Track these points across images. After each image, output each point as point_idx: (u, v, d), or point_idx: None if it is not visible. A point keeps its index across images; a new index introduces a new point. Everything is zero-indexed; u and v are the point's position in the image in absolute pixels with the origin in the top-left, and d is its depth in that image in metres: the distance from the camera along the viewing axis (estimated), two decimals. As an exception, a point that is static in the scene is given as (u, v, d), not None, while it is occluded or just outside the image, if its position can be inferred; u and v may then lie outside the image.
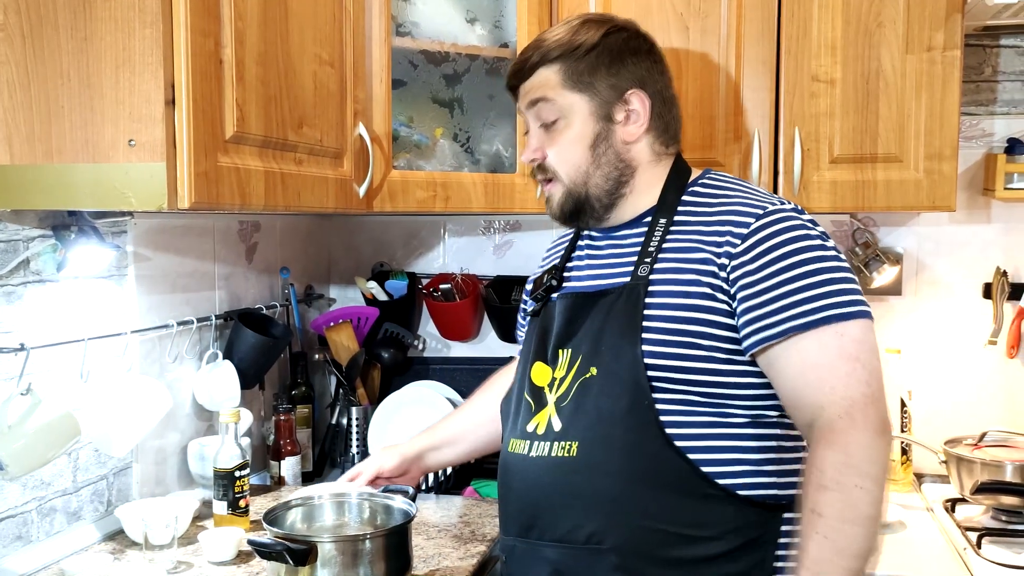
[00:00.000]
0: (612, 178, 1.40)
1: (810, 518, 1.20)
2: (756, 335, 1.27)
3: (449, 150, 2.09)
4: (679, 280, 1.32)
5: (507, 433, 1.44)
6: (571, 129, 1.40)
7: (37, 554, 1.56)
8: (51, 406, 1.44)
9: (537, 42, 1.44)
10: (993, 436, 2.07)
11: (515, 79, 1.45)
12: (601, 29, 1.41)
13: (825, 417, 1.22)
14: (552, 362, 1.39)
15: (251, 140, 1.47)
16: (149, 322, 1.82)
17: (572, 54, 1.39)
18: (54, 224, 1.58)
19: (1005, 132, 2.19)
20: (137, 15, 1.29)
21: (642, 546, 1.28)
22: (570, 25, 1.43)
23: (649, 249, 1.37)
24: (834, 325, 1.23)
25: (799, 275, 1.26)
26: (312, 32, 1.65)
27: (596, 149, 1.40)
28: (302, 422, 2.25)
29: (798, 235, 1.29)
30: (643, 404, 1.28)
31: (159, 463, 1.88)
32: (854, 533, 1.18)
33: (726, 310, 1.29)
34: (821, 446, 1.22)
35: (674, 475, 1.27)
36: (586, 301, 1.39)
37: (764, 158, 1.95)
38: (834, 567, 1.17)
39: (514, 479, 1.39)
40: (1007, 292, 2.20)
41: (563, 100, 1.40)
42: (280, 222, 2.34)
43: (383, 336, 2.41)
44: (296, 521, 1.53)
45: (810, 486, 1.22)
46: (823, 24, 1.91)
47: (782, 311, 1.25)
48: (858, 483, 1.18)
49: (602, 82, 1.39)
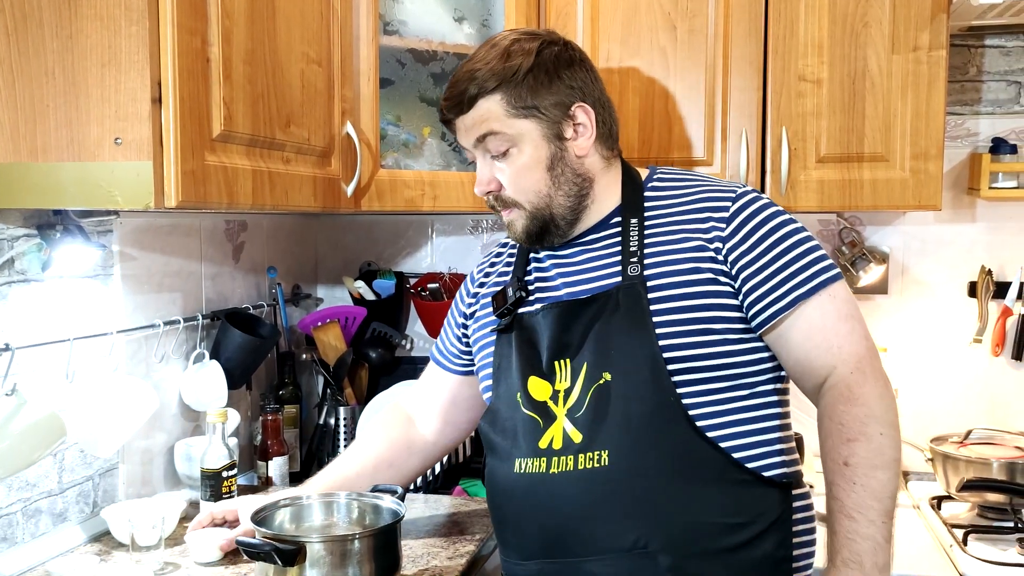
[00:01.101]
0: (573, 194, 1.39)
1: (840, 470, 1.26)
2: (767, 311, 1.31)
3: (437, 149, 2.09)
4: (678, 271, 1.33)
5: (504, 454, 1.39)
6: (524, 156, 1.37)
7: (22, 556, 1.55)
8: (36, 407, 1.43)
9: (469, 73, 1.37)
10: (978, 434, 2.09)
11: (452, 113, 1.40)
12: (532, 47, 1.37)
13: (837, 375, 1.29)
14: (549, 375, 1.37)
15: (238, 139, 1.46)
16: (135, 322, 1.81)
17: (511, 80, 1.35)
18: (39, 223, 1.57)
19: (990, 132, 2.21)
20: (123, 12, 1.28)
21: (689, 543, 1.28)
22: (499, 48, 1.38)
23: (631, 248, 1.37)
24: (826, 289, 1.31)
25: (787, 248, 1.32)
26: (300, 30, 1.64)
27: (554, 171, 1.38)
28: (289, 422, 2.24)
29: (772, 212, 1.36)
30: (669, 400, 1.29)
31: (145, 464, 1.87)
32: (885, 477, 1.25)
33: (730, 291, 1.32)
34: (840, 402, 1.28)
35: (709, 466, 1.29)
36: (575, 309, 1.37)
37: (751, 157, 1.95)
38: (872, 511, 1.23)
39: (532, 500, 1.34)
40: (992, 291, 2.21)
41: (511, 129, 1.36)
42: (267, 221, 2.33)
43: (371, 336, 2.40)
44: (284, 521, 1.52)
45: (834, 441, 1.28)
46: (810, 24, 1.92)
47: (784, 283, 1.31)
48: (881, 430, 1.26)
49: (546, 102, 1.36)
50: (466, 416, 1.66)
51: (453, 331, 1.62)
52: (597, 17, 2.01)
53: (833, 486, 1.27)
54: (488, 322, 1.49)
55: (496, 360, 1.45)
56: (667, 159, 1.99)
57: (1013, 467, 1.91)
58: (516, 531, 1.38)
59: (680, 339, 1.30)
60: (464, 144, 1.43)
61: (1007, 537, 1.83)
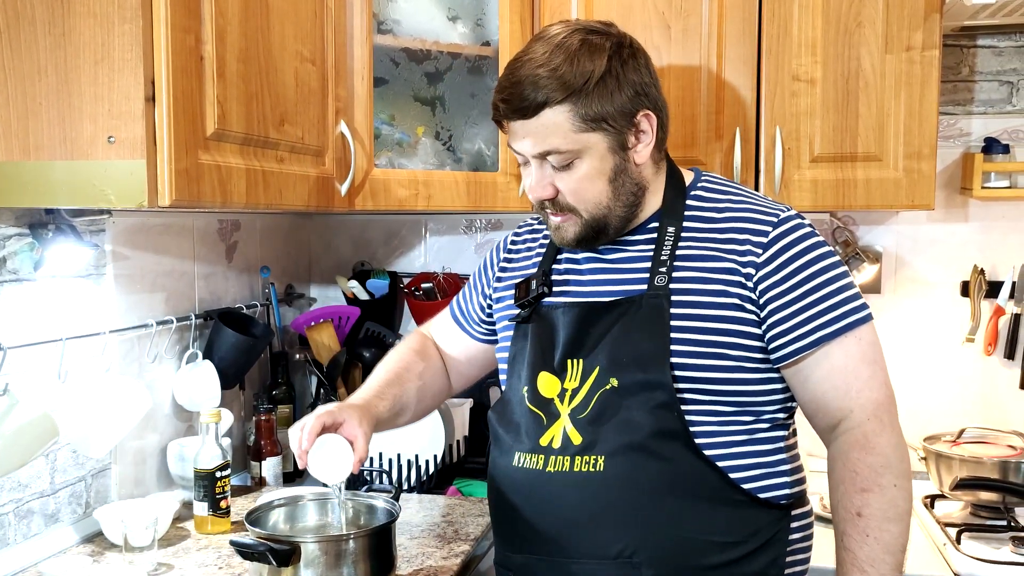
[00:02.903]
0: (629, 204, 1.34)
1: (853, 520, 1.25)
2: (789, 346, 1.29)
3: (431, 148, 2.08)
4: (704, 291, 1.30)
5: (506, 446, 1.39)
6: (587, 166, 1.30)
7: (14, 557, 1.54)
8: (28, 407, 1.42)
9: (532, 77, 1.27)
10: (971, 433, 2.10)
11: (513, 117, 1.30)
12: (603, 50, 1.28)
13: (854, 420, 1.27)
14: (560, 373, 1.35)
15: (232, 137, 1.46)
16: (128, 322, 1.80)
17: (581, 91, 1.26)
18: (31, 222, 1.56)
19: (982, 132, 2.22)
20: (116, 11, 1.28)
21: (675, 558, 1.27)
22: (565, 50, 1.27)
23: (662, 258, 1.33)
24: (854, 331, 1.28)
25: (821, 284, 1.29)
26: (293, 29, 1.64)
27: (615, 182, 1.32)
28: (283, 422, 2.23)
29: (812, 243, 1.31)
30: (671, 415, 1.27)
31: (138, 464, 1.86)
32: (898, 530, 1.25)
33: (754, 320, 1.29)
34: (855, 450, 1.26)
35: (704, 484, 1.28)
36: (598, 311, 1.34)
37: (746, 157, 1.95)
38: (885, 564, 1.24)
39: (526, 495, 1.34)
40: (984, 290, 2.22)
41: (576, 144, 1.28)
42: (260, 221, 2.32)
43: (364, 335, 2.39)
44: (279, 521, 1.52)
45: (847, 489, 1.27)
46: (803, 24, 1.92)
47: (810, 321, 1.28)
48: (895, 482, 1.25)
49: (613, 111, 1.28)
50: (478, 372, 1.66)
51: (477, 299, 1.58)
52: (591, 16, 2.01)
53: (845, 536, 1.26)
54: (509, 306, 1.47)
55: (512, 351, 1.43)
56: (661, 158, 1.99)
57: (1006, 466, 1.91)
58: (507, 523, 1.39)
59: (694, 359, 1.28)
60: (519, 150, 1.33)
61: (1000, 535, 1.83)
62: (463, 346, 1.63)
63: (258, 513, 1.48)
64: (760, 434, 1.32)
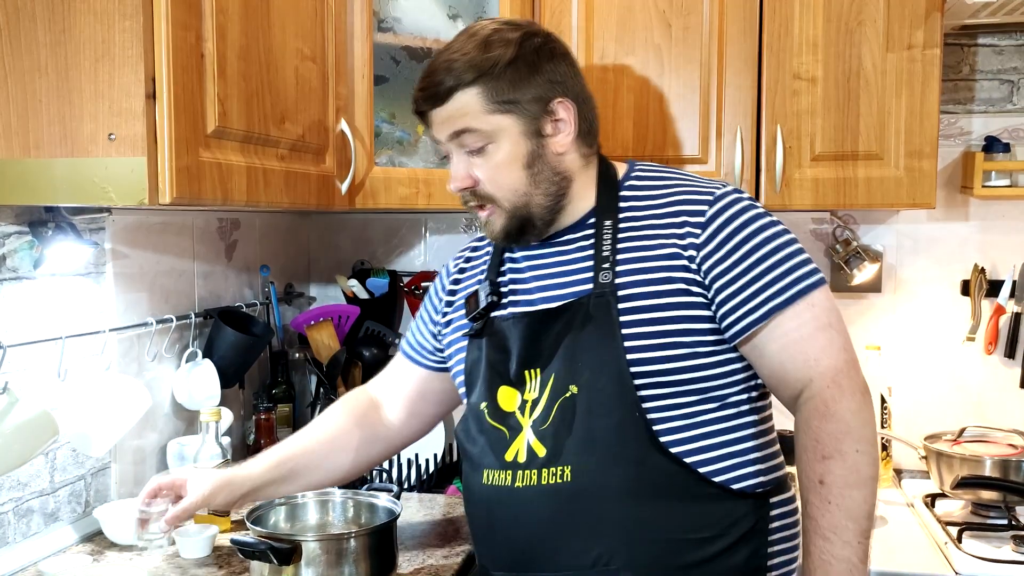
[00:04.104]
0: (551, 193, 1.33)
1: (815, 488, 1.23)
2: (740, 322, 1.27)
3: (431, 147, 2.08)
4: (649, 280, 1.28)
5: (475, 464, 1.37)
6: (501, 152, 1.31)
7: (14, 556, 1.54)
8: (28, 405, 1.42)
9: (447, 62, 1.30)
10: (972, 432, 2.10)
11: (427, 105, 1.33)
12: (513, 38, 1.30)
13: (814, 388, 1.25)
14: (518, 384, 1.33)
15: (233, 135, 1.45)
16: (127, 320, 1.80)
17: (490, 72, 1.28)
18: (31, 220, 1.55)
19: (982, 130, 2.22)
20: (116, 8, 1.27)
21: (653, 559, 1.25)
22: (478, 38, 1.31)
23: (604, 253, 1.32)
24: (805, 297, 1.26)
25: (765, 255, 1.27)
26: (294, 27, 1.63)
27: (532, 168, 1.32)
28: (283, 421, 2.23)
29: (752, 216, 1.29)
30: (633, 416, 1.26)
31: (138, 463, 1.85)
32: (861, 496, 1.21)
33: (703, 303, 1.28)
34: (815, 418, 1.24)
35: (674, 482, 1.26)
36: (547, 318, 1.32)
37: (746, 156, 1.95)
38: (848, 531, 1.21)
39: (498, 512, 1.32)
40: (985, 289, 2.22)
41: (488, 125, 1.30)
42: (259, 220, 2.32)
43: (364, 334, 2.39)
44: (279, 520, 1.52)
45: (809, 457, 1.24)
46: (804, 22, 1.92)
47: (759, 294, 1.26)
48: (856, 447, 1.22)
49: (525, 96, 1.30)
50: (434, 410, 1.62)
51: (427, 327, 1.56)
52: (592, 15, 2.01)
53: (808, 504, 1.24)
54: (461, 324, 1.45)
55: (467, 367, 1.41)
56: (662, 157, 1.98)
57: (1006, 464, 1.91)
58: (484, 541, 1.37)
59: (648, 352, 1.26)
60: (438, 138, 1.35)
61: (1001, 534, 1.83)
62: (415, 380, 1.59)
63: (259, 512, 1.48)
64: (726, 423, 1.29)
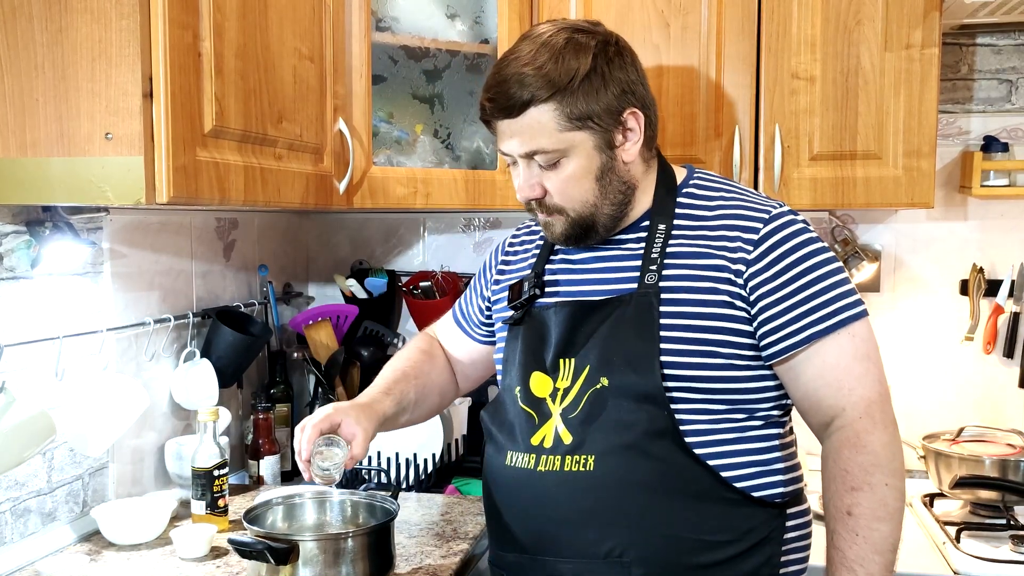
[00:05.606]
0: (618, 202, 1.34)
1: (843, 519, 1.24)
2: (780, 343, 1.28)
3: (429, 146, 2.08)
4: (694, 288, 1.29)
5: (500, 445, 1.39)
6: (573, 165, 1.30)
7: (11, 556, 1.53)
8: (26, 405, 1.42)
9: (519, 74, 1.27)
10: (971, 431, 2.09)
11: (498, 116, 1.30)
12: (589, 48, 1.28)
13: (846, 418, 1.26)
14: (552, 372, 1.35)
15: (230, 134, 1.45)
16: (125, 320, 1.79)
17: (566, 89, 1.26)
18: (28, 220, 1.55)
19: (981, 130, 2.22)
20: (113, 6, 1.27)
21: (666, 557, 1.26)
22: (551, 48, 1.27)
23: (653, 255, 1.33)
24: (847, 327, 1.27)
25: (813, 280, 1.28)
26: (291, 26, 1.63)
27: (602, 180, 1.31)
28: (281, 421, 2.23)
29: (804, 239, 1.30)
30: (662, 415, 1.27)
31: (136, 463, 1.85)
32: (888, 529, 1.23)
33: (745, 317, 1.29)
34: (846, 448, 1.25)
35: (695, 483, 1.27)
36: (589, 310, 1.34)
37: (745, 155, 1.95)
38: (873, 564, 1.22)
39: (518, 494, 1.34)
40: (983, 289, 2.22)
41: (562, 144, 1.28)
42: (258, 219, 2.31)
43: (362, 334, 2.39)
44: (277, 520, 1.52)
45: (837, 487, 1.26)
46: (803, 21, 1.92)
47: (802, 318, 1.27)
48: (886, 481, 1.24)
49: (599, 109, 1.28)
50: (482, 374, 1.67)
51: (477, 302, 1.59)
52: (590, 14, 2.01)
53: (835, 535, 1.26)
54: (505, 307, 1.47)
55: (506, 353, 1.44)
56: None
57: (1005, 464, 1.91)
58: (500, 522, 1.39)
59: (684, 357, 1.28)
60: (506, 150, 1.33)
61: (1000, 534, 1.83)
62: (465, 348, 1.63)
63: (256, 511, 1.47)
64: (753, 432, 1.31)
